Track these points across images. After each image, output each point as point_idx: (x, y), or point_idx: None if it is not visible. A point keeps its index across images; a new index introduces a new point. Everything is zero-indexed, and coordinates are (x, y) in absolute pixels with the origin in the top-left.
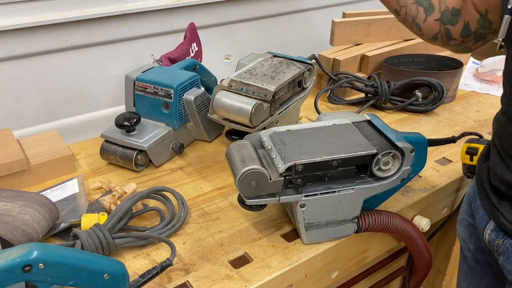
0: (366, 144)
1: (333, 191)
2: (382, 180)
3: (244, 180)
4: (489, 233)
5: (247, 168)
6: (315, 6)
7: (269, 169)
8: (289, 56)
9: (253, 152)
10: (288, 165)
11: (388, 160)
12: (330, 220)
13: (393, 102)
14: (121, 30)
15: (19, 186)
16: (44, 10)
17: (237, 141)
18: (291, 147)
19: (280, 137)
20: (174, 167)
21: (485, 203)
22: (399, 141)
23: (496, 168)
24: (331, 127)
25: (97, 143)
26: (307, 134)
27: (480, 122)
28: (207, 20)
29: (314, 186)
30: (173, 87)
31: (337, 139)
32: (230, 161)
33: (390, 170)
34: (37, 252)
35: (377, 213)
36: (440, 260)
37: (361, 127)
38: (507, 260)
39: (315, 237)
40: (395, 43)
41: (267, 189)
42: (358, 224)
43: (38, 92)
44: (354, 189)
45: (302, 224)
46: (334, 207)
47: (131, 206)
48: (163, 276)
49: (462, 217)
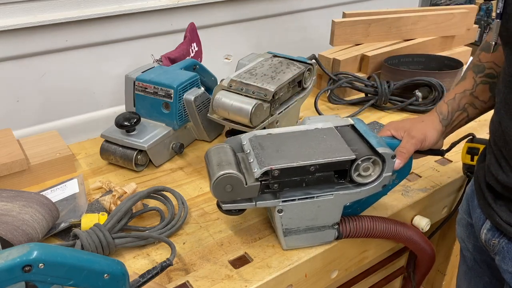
0: (346, 149)
1: (311, 196)
2: (362, 186)
3: (219, 184)
4: (485, 232)
5: (222, 172)
6: (315, 6)
7: (246, 174)
8: (289, 56)
9: (231, 156)
10: (263, 170)
11: (368, 166)
12: (309, 226)
13: (393, 102)
14: (121, 30)
15: (19, 186)
16: (44, 10)
17: (216, 144)
18: (268, 152)
19: (259, 141)
20: (174, 167)
21: (481, 203)
22: (380, 146)
23: (492, 167)
24: (313, 131)
25: (97, 143)
26: (287, 138)
27: (480, 122)
28: (207, 20)
29: (292, 191)
30: (173, 87)
31: (317, 143)
32: (208, 165)
33: (371, 176)
34: (37, 252)
35: (359, 219)
36: (440, 260)
37: (343, 132)
38: (503, 260)
39: (294, 243)
40: (395, 43)
41: (243, 194)
42: (339, 231)
43: (38, 92)
44: (334, 195)
45: (280, 230)
46: (313, 213)
47: (131, 206)
48: (163, 276)
49: (461, 216)
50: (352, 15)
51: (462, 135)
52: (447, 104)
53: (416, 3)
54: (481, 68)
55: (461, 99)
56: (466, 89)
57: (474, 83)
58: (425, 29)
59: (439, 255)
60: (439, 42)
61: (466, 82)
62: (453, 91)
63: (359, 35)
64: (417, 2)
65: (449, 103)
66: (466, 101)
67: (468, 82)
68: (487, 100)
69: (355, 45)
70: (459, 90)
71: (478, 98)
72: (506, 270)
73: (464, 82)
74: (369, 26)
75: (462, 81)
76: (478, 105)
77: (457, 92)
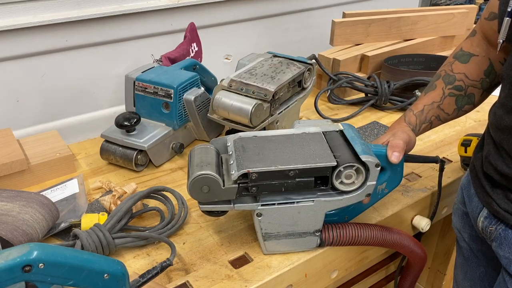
0: (328, 155)
1: (291, 202)
2: (345, 194)
3: (195, 185)
4: (482, 220)
5: (199, 173)
6: (315, 6)
7: (226, 175)
8: (289, 56)
9: (213, 156)
10: (240, 172)
11: (350, 173)
12: (290, 231)
13: (393, 102)
14: (121, 30)
15: (19, 186)
16: (44, 10)
17: (201, 145)
18: (249, 154)
19: (243, 143)
20: (174, 167)
21: (479, 191)
22: (364, 154)
23: (491, 157)
24: (299, 136)
25: (97, 143)
26: (270, 142)
27: (480, 122)
28: (207, 20)
29: (272, 196)
30: (173, 87)
31: (300, 148)
32: (188, 164)
33: (354, 184)
34: (37, 252)
35: (343, 226)
36: (440, 260)
37: (330, 138)
38: (500, 246)
39: (275, 247)
40: (395, 43)
41: (220, 195)
42: (321, 238)
43: (38, 92)
44: (314, 201)
45: (260, 234)
46: (293, 218)
47: (131, 206)
48: (163, 276)
49: (457, 206)
50: (352, 15)
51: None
52: (416, 116)
53: (416, 3)
54: (451, 79)
55: (428, 111)
56: (434, 101)
57: (442, 95)
58: (425, 29)
59: (439, 255)
60: (439, 42)
61: (435, 93)
62: (422, 102)
63: (359, 35)
64: (417, 2)
65: (417, 115)
66: (432, 113)
67: (437, 93)
68: (451, 113)
69: (355, 45)
70: (427, 101)
71: (444, 110)
72: (503, 255)
73: (433, 92)
74: (369, 26)
75: (432, 90)
76: (442, 117)
77: (426, 104)
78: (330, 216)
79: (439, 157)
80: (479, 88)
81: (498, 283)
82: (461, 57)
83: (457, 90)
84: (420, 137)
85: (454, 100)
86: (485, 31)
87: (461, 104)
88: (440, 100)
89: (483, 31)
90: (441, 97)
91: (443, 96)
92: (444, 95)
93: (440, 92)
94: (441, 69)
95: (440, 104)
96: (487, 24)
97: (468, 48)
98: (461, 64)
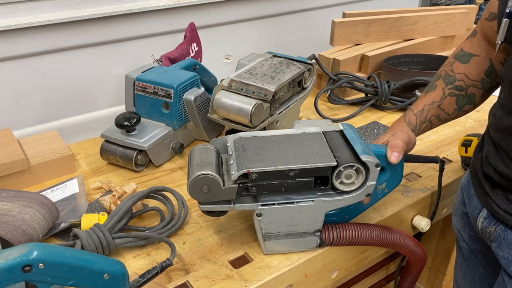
0: (328, 155)
1: (291, 201)
2: (345, 194)
3: (195, 185)
4: (481, 220)
5: (199, 173)
6: (315, 6)
7: (226, 175)
8: (289, 56)
9: (214, 156)
10: (240, 172)
11: (350, 173)
12: (290, 231)
13: (393, 102)
14: (121, 30)
15: (19, 186)
16: (44, 10)
17: (201, 145)
18: (249, 154)
19: (243, 143)
20: (174, 167)
21: (478, 192)
22: (364, 154)
23: (490, 158)
24: (299, 136)
25: (97, 143)
26: (270, 142)
27: (480, 122)
28: (207, 20)
29: (272, 196)
30: (173, 87)
31: (300, 148)
32: (188, 164)
33: (354, 184)
34: (37, 252)
35: (342, 226)
36: (440, 260)
37: (330, 138)
38: (499, 246)
39: (275, 247)
40: (395, 43)
41: (220, 195)
42: (321, 238)
43: (38, 92)
44: (314, 201)
45: (259, 234)
46: (293, 218)
47: (131, 206)
48: (163, 276)
49: (457, 207)
50: (352, 15)
51: (462, 136)
52: (416, 116)
53: (416, 3)
54: (452, 79)
55: (428, 111)
56: (434, 101)
57: (442, 95)
58: (425, 29)
59: (439, 255)
60: (439, 42)
61: (435, 93)
62: (422, 102)
63: (359, 35)
64: (417, 2)
65: (417, 115)
66: (432, 113)
67: (437, 93)
68: (451, 113)
69: (355, 45)
70: (428, 101)
71: (444, 110)
72: (502, 256)
73: (434, 92)
74: (369, 26)
75: (432, 90)
76: (443, 117)
77: (426, 104)
78: (330, 216)
79: (439, 157)
80: (479, 88)
81: (498, 284)
82: (461, 57)
83: (458, 90)
84: (420, 137)
85: (455, 100)
86: (485, 31)
87: (461, 104)
88: (440, 100)
89: (483, 31)
90: (442, 97)
91: (443, 96)
92: (444, 95)
93: (440, 92)
94: (442, 69)
95: (440, 104)
96: (487, 24)
97: (468, 49)
98: (461, 64)
